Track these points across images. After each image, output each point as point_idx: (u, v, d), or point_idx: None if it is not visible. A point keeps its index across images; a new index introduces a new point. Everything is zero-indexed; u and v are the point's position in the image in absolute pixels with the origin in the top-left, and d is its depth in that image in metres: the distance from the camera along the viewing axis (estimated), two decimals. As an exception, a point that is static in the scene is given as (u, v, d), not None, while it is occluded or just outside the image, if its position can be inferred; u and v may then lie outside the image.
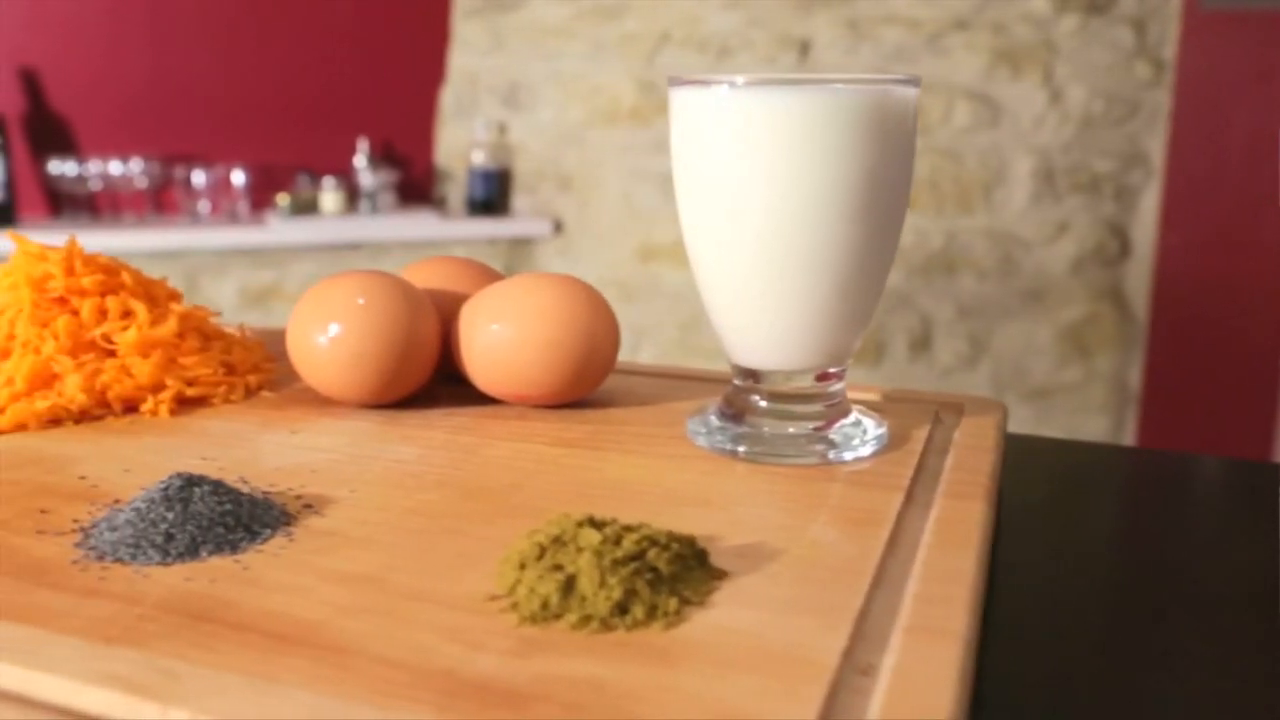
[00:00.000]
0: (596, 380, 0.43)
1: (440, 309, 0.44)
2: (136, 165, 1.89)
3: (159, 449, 0.39)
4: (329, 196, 1.97)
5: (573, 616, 0.27)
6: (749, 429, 0.40)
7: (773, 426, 0.40)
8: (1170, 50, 1.83)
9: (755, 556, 0.30)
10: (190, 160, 1.94)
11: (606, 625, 0.26)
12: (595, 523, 0.29)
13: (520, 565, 0.28)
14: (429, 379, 0.44)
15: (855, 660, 0.25)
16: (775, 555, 0.31)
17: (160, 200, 1.95)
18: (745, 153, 0.36)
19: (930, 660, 0.25)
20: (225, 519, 0.31)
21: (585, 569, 0.27)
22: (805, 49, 1.89)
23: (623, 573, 0.27)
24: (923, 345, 1.96)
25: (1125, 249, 1.92)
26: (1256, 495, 0.42)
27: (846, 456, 0.39)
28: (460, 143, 2.09)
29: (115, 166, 1.87)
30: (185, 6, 1.92)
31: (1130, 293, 1.94)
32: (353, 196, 2.01)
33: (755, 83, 0.36)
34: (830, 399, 0.40)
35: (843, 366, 0.40)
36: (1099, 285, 1.93)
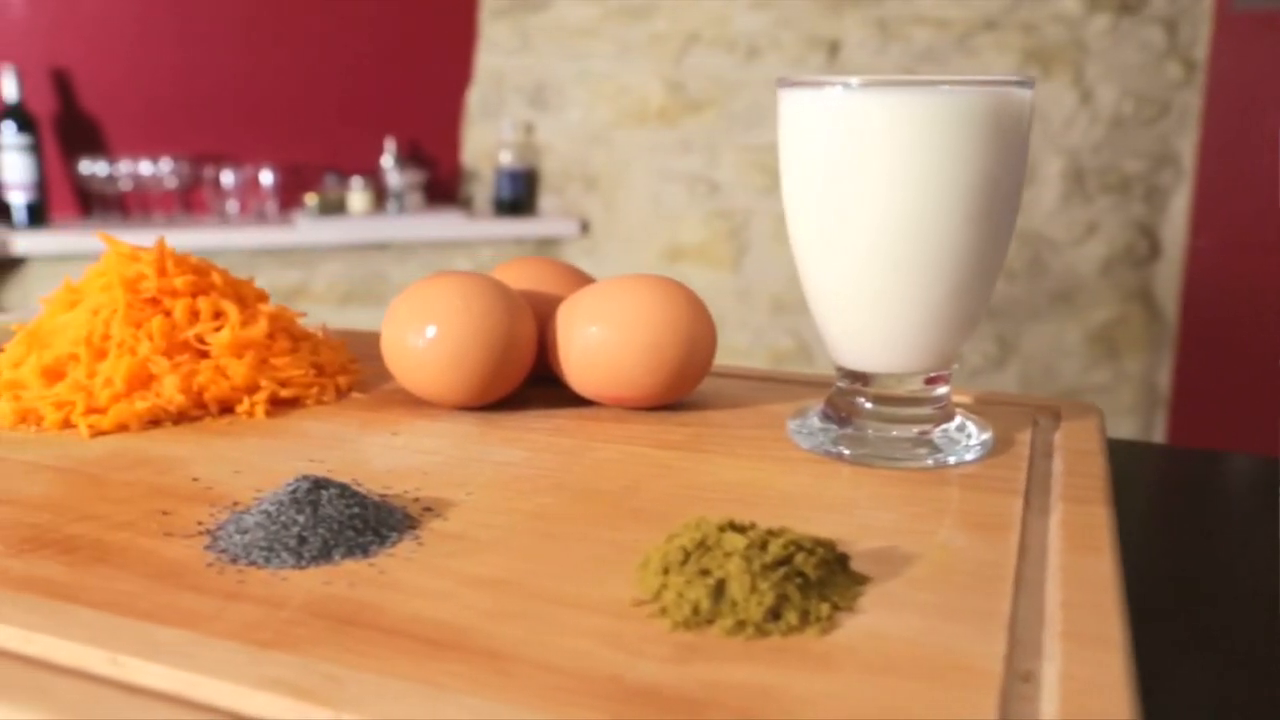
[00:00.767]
0: (694, 383, 0.43)
1: (533, 310, 0.44)
2: (166, 165, 1.89)
3: (264, 450, 0.39)
4: (357, 196, 1.97)
5: (727, 622, 0.26)
6: (853, 431, 0.40)
7: (877, 429, 0.40)
8: (1201, 50, 1.82)
9: (891, 561, 0.30)
10: (219, 160, 1.94)
11: (761, 631, 0.26)
12: (737, 527, 0.29)
13: (664, 570, 0.28)
14: (524, 380, 0.44)
15: (1014, 667, 0.25)
16: (910, 560, 0.30)
17: (189, 200, 1.96)
18: (861, 155, 0.36)
19: (1097, 668, 0.25)
20: (354, 522, 0.31)
21: (735, 574, 0.27)
22: (834, 49, 1.88)
23: (773, 578, 0.27)
24: (951, 346, 1.95)
25: (1155, 250, 1.91)
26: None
27: (953, 460, 0.38)
28: (487, 143, 2.09)
29: (145, 166, 1.88)
30: (214, 7, 1.92)
31: (1160, 294, 1.93)
32: (380, 196, 2.01)
33: (870, 84, 0.36)
34: (937, 402, 0.40)
35: (950, 370, 0.40)
36: (1128, 286, 1.92)
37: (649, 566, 0.29)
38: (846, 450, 0.39)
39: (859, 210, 0.37)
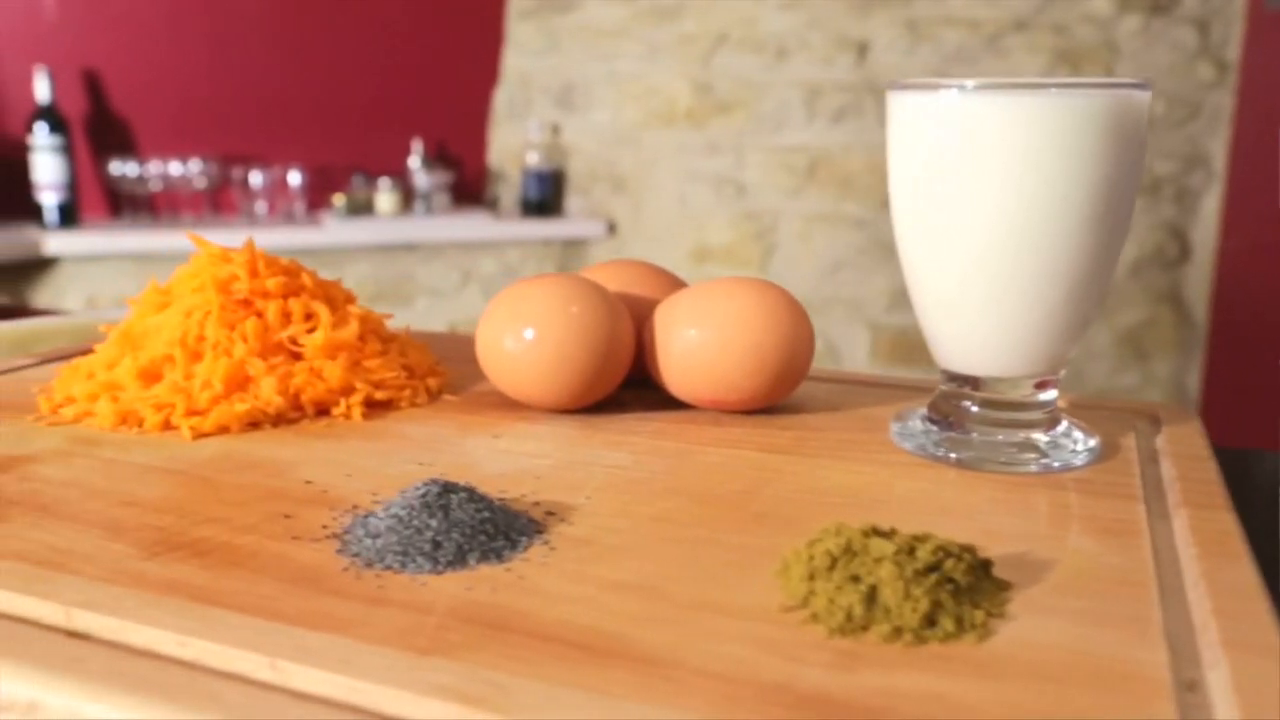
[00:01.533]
0: (792, 386, 0.43)
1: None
2: (195, 166, 1.89)
3: (370, 454, 0.39)
4: (384, 197, 1.98)
5: (883, 628, 0.26)
6: (958, 435, 0.39)
7: (983, 433, 0.39)
8: (1233, 51, 1.81)
9: (1027, 567, 0.30)
10: (247, 161, 1.94)
11: (918, 638, 0.26)
12: (880, 532, 0.29)
13: (809, 576, 0.28)
14: (620, 383, 0.44)
15: (1179, 676, 0.25)
16: (1047, 565, 0.30)
17: (218, 201, 1.96)
18: (976, 159, 0.36)
19: (1267, 679, 0.24)
20: (485, 527, 0.31)
21: (887, 580, 0.27)
22: (863, 50, 1.88)
23: (925, 584, 0.27)
24: (979, 348, 1.94)
25: (1185, 252, 1.90)
26: None
27: (1059, 465, 0.38)
28: (513, 144, 2.09)
29: (174, 167, 1.88)
30: (243, 9, 1.93)
31: (1190, 296, 1.92)
32: (408, 197, 2.01)
33: (986, 87, 0.36)
34: (1045, 407, 0.39)
35: (1059, 374, 0.39)
36: (1158, 289, 1.91)
37: (791, 572, 0.28)
38: (953, 454, 0.39)
39: (973, 214, 0.36)
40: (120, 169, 1.85)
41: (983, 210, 0.36)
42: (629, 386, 0.45)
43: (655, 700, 0.23)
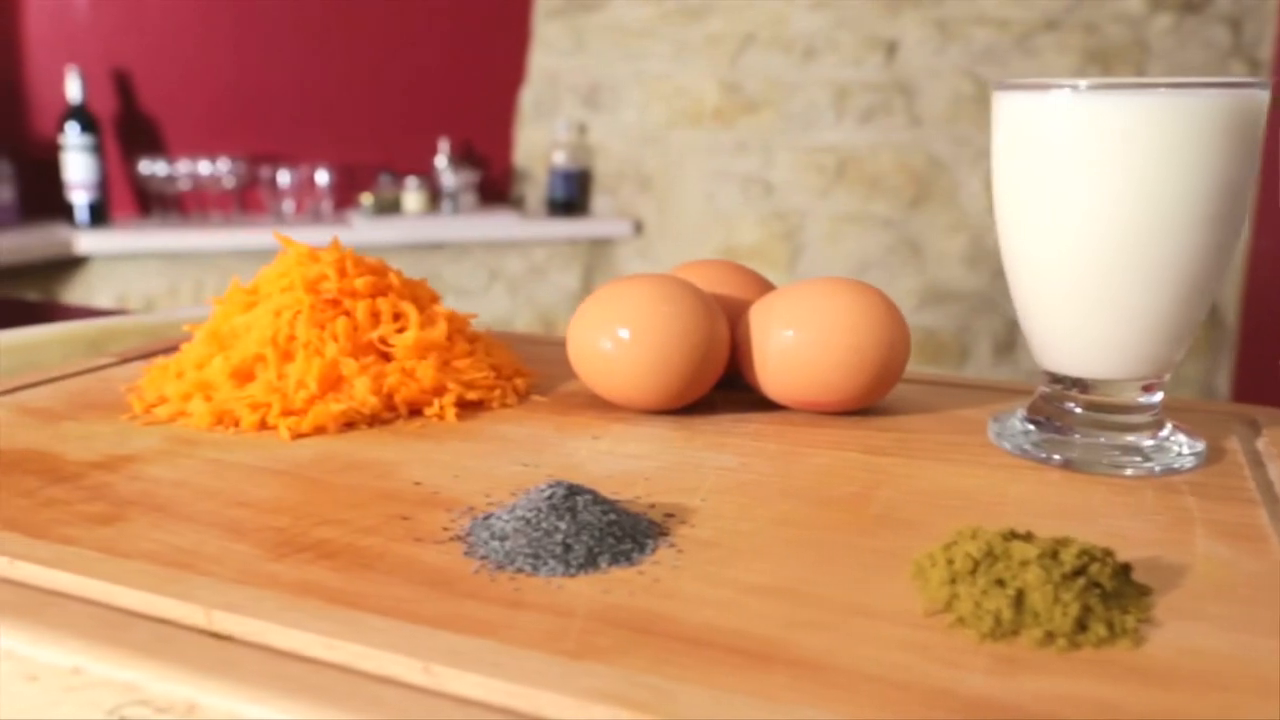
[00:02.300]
0: (889, 387, 0.42)
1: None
2: (223, 165, 1.90)
3: (471, 454, 0.39)
4: (411, 196, 1.98)
5: (1035, 633, 0.26)
6: (1061, 437, 0.39)
7: (1086, 435, 0.39)
8: (1267, 50, 1.80)
9: (1162, 571, 0.30)
10: (275, 160, 1.95)
11: (1072, 643, 0.26)
12: (1019, 535, 0.28)
13: (951, 580, 0.28)
14: (714, 384, 0.44)
15: (1340, 683, 0.25)
16: (1182, 570, 0.30)
17: (245, 200, 1.97)
18: (1091, 159, 0.35)
19: None
20: (613, 529, 0.30)
21: (1035, 584, 0.26)
22: (892, 50, 1.88)
23: (1074, 588, 0.26)
24: (1007, 348, 1.94)
25: (1215, 252, 1.89)
26: None
27: (1159, 469, 0.37)
28: (540, 143, 2.09)
29: (203, 166, 1.88)
30: (271, 10, 1.93)
31: (1220, 298, 1.91)
32: (434, 197, 2.02)
33: (1100, 87, 0.35)
34: (1151, 409, 0.39)
35: (1166, 376, 0.39)
36: (1188, 289, 1.90)
37: (929, 576, 0.28)
38: (1056, 455, 0.38)
39: (1087, 215, 0.36)
40: (149, 168, 1.86)
41: (1096, 211, 0.36)
42: (716, 387, 0.45)
43: (821, 705, 0.23)
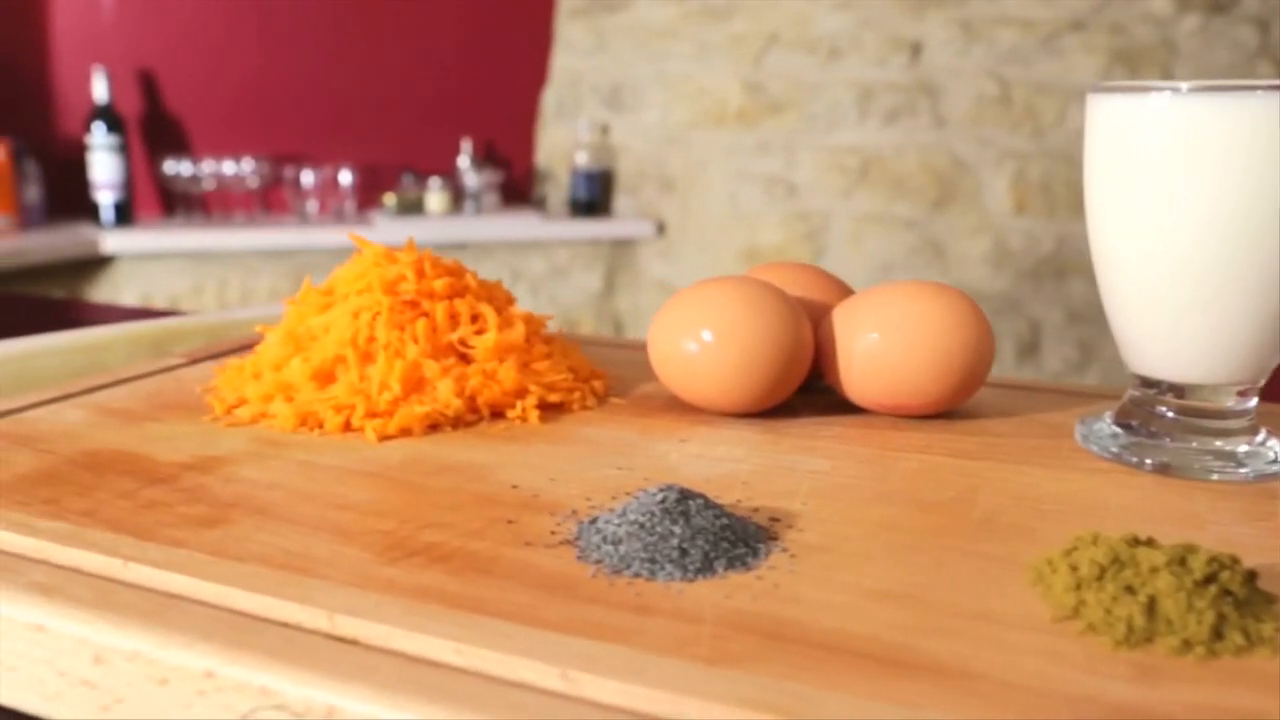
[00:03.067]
0: (973, 390, 0.42)
1: (799, 316, 0.44)
2: (247, 165, 1.90)
3: (561, 457, 0.39)
4: (434, 196, 1.98)
5: (1171, 641, 0.26)
6: (1151, 441, 0.39)
7: (1177, 439, 0.39)
8: (1294, 51, 1.80)
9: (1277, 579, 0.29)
10: (299, 160, 1.95)
11: (1210, 651, 0.25)
12: (1142, 541, 0.28)
13: (1077, 586, 0.27)
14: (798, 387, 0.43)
15: None
16: (1301, 578, 0.30)
17: (269, 199, 1.97)
18: (1191, 161, 0.35)
19: None
20: (726, 534, 0.30)
21: (1167, 591, 0.26)
22: (917, 50, 1.87)
23: (1207, 595, 0.26)
24: (1030, 350, 1.93)
25: (1241, 254, 1.88)
26: None
27: (1252, 475, 0.37)
28: (562, 143, 2.09)
29: (227, 166, 1.89)
30: (295, 10, 1.93)
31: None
32: (457, 197, 2.02)
33: (1202, 89, 0.35)
34: (1245, 415, 0.39)
35: (1262, 382, 0.39)
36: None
37: (1050, 582, 0.28)
38: (1148, 460, 0.38)
39: (1186, 217, 0.36)
40: (174, 168, 1.86)
41: (1196, 213, 0.36)
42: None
43: (966, 712, 0.23)
